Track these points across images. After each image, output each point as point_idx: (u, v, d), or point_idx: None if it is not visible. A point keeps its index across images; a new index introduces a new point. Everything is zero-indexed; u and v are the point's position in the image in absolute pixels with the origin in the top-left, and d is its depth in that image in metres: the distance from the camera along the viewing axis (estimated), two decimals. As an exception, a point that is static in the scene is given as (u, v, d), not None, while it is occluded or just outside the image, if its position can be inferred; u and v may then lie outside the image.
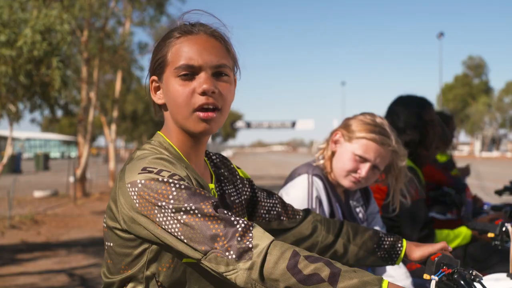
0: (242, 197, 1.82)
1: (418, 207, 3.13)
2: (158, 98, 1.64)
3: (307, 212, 2.06)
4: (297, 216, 2.01)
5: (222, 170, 1.80)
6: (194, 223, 1.34)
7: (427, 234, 3.15)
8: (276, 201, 1.97)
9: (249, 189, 1.90)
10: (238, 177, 1.87)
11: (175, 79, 1.54)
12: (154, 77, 1.63)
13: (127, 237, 1.48)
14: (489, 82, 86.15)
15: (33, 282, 6.40)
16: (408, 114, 3.34)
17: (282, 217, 1.96)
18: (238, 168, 1.92)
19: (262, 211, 1.92)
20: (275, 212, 1.94)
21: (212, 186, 1.68)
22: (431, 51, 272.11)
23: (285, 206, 2.00)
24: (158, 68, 1.60)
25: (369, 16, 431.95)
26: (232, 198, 1.74)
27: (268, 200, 1.94)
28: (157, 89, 1.64)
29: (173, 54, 1.56)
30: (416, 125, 3.31)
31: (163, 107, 1.64)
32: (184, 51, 1.55)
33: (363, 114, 2.56)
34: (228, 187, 1.76)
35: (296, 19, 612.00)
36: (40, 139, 71.27)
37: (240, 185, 1.85)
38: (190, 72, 1.54)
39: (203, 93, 1.53)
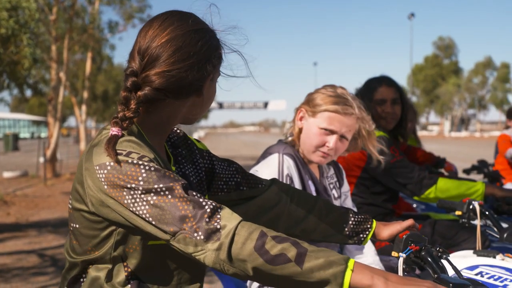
0: (202, 173, 1.80)
1: (404, 162, 3.28)
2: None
3: (272, 181, 1.99)
4: (259, 185, 1.94)
5: (180, 149, 1.78)
6: (164, 204, 1.34)
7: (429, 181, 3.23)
8: (236, 171, 1.91)
9: (207, 161, 1.86)
10: (197, 151, 1.83)
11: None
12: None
13: (94, 219, 1.46)
14: (459, 63, 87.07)
15: (3, 263, 6.34)
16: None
17: (242, 187, 1.90)
18: (198, 141, 1.88)
19: (220, 182, 1.87)
20: (233, 182, 1.89)
21: (173, 168, 1.67)
22: (402, 32, 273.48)
23: (245, 175, 1.94)
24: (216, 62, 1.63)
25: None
26: (191, 179, 1.73)
27: (226, 171, 1.89)
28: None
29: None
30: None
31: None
32: None
33: (324, 87, 2.57)
34: (187, 167, 1.74)
35: (268, 1, 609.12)
36: (9, 119, 70.13)
37: (200, 160, 1.82)
38: None
39: None
